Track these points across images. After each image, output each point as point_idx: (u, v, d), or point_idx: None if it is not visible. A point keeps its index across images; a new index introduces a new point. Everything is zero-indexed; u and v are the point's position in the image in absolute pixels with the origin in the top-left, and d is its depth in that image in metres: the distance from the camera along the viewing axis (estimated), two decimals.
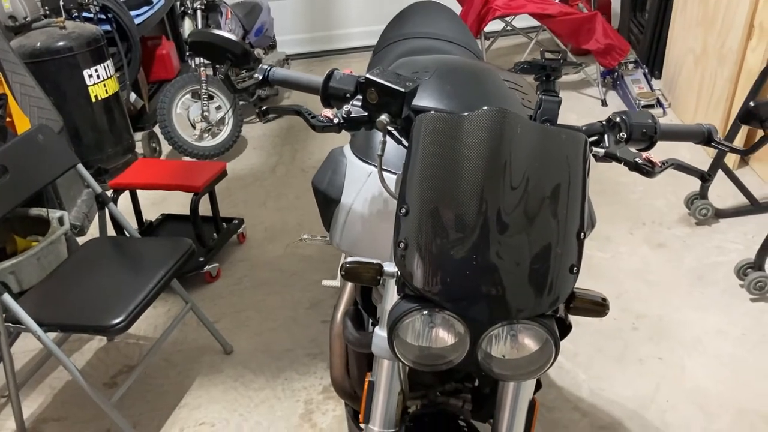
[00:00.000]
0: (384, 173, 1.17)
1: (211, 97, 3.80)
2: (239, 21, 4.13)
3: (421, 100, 1.38)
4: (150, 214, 3.23)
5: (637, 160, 1.15)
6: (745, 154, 1.25)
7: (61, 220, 2.86)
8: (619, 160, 1.15)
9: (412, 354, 1.08)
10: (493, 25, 4.29)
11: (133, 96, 4.19)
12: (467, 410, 1.43)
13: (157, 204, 3.53)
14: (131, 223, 2.40)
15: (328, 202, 1.39)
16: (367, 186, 1.33)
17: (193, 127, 3.82)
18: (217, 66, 1.26)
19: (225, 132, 3.89)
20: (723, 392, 2.08)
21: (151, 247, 2.22)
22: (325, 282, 2.14)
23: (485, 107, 1.08)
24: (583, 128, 1.20)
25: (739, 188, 2.82)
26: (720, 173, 2.82)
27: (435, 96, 1.39)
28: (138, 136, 4.02)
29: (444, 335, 1.07)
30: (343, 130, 1.20)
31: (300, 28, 5.48)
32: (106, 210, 2.31)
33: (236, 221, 3.09)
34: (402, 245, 1.05)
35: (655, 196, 3.10)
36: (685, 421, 2.00)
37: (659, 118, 3.77)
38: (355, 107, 1.17)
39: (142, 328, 2.64)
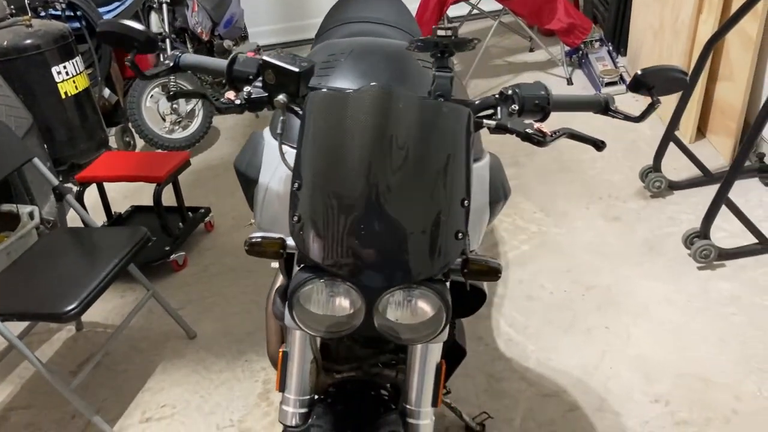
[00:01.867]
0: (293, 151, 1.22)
1: None
2: (207, 13, 4.17)
3: (334, 81, 1.44)
4: (122, 206, 3.29)
5: (528, 130, 1.20)
6: (638, 121, 1.30)
7: (31, 215, 2.91)
8: (510, 131, 1.20)
9: (314, 322, 1.14)
10: (460, 10, 4.34)
11: (106, 92, 4.24)
12: (401, 380, 1.49)
13: (129, 196, 3.59)
14: (101, 216, 2.46)
15: (248, 183, 1.45)
16: (282, 165, 1.38)
17: (164, 119, 3.88)
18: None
19: (195, 124, 3.94)
20: (664, 358, 2.14)
21: (108, 237, 2.28)
22: (273, 264, 2.19)
23: (372, 84, 1.13)
24: (476, 101, 1.25)
25: (692, 160, 2.87)
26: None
27: (349, 76, 1.44)
28: (112, 131, 4.07)
29: (343, 303, 1.12)
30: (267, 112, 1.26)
31: (273, 19, 5.51)
32: (64, 202, 2.37)
33: (203, 210, 3.15)
34: (296, 219, 1.11)
35: (613, 171, 3.15)
36: (627, 386, 2.06)
37: (621, 94, 3.83)
38: (257, 89, 1.23)
39: (110, 317, 2.71)
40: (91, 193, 3.05)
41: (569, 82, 4.05)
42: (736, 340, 2.17)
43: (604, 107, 1.30)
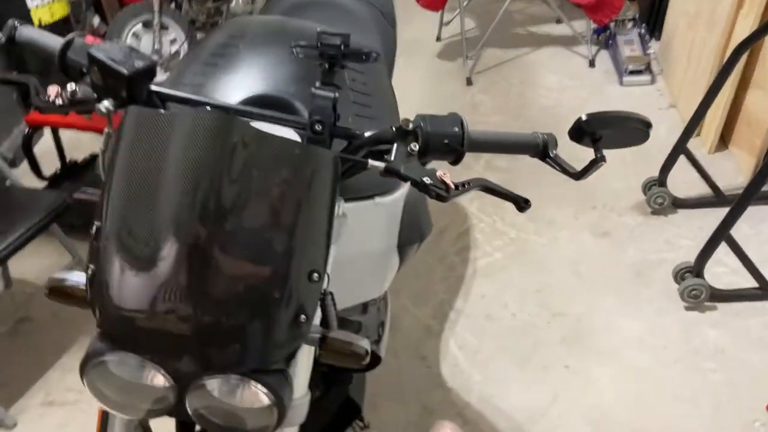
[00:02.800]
0: None
1: (165, 28, 3.56)
2: None
3: (214, 80, 1.15)
4: (87, 150, 3.08)
5: (425, 180, 0.91)
6: (578, 178, 1.01)
7: None
8: (403, 178, 0.92)
9: (115, 396, 0.90)
10: None
11: (96, 20, 3.97)
12: None
13: (98, 139, 3.35)
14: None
15: None
16: None
17: None
18: None
19: None
20: (623, 412, 1.88)
21: (23, 200, 2.07)
22: None
23: (207, 108, 0.85)
24: (369, 136, 0.96)
25: (704, 177, 2.52)
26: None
27: (233, 74, 1.16)
28: None
29: (154, 380, 0.88)
30: None
31: None
32: None
33: None
34: (90, 272, 0.86)
35: (615, 177, 2.79)
36: None
37: (645, 86, 3.44)
38: (87, 87, 0.96)
39: (42, 277, 2.52)
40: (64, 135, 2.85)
41: (591, 63, 3.64)
42: (709, 403, 1.89)
43: (542, 151, 1.01)
